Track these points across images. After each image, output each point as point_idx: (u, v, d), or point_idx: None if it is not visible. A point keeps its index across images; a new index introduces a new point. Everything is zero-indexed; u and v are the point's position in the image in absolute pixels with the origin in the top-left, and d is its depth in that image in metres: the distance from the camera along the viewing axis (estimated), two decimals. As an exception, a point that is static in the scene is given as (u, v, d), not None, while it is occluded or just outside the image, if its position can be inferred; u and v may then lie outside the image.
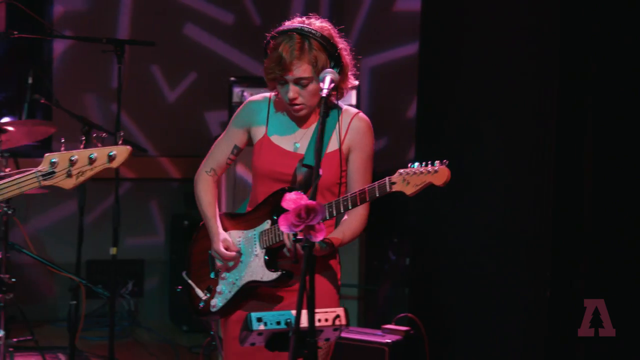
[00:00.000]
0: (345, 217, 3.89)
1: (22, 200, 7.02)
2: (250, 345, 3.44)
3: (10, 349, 5.93)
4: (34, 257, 6.29)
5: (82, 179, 3.31)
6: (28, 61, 7.69)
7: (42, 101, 6.69)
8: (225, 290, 3.93)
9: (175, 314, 7.76)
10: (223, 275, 3.94)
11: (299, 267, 3.69)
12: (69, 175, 3.30)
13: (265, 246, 3.84)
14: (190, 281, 4.03)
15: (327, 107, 3.65)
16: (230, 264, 3.91)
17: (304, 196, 3.32)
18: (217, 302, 3.94)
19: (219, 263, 3.92)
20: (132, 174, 7.74)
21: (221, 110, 7.56)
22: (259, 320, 3.38)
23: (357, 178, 3.86)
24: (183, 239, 7.61)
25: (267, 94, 3.99)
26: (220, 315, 3.99)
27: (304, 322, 3.28)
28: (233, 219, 4.00)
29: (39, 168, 3.30)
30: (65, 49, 7.61)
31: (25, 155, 6.99)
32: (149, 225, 7.95)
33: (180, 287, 4.11)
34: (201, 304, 3.98)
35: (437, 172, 3.51)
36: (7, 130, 5.96)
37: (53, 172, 3.29)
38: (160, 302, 7.93)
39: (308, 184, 3.77)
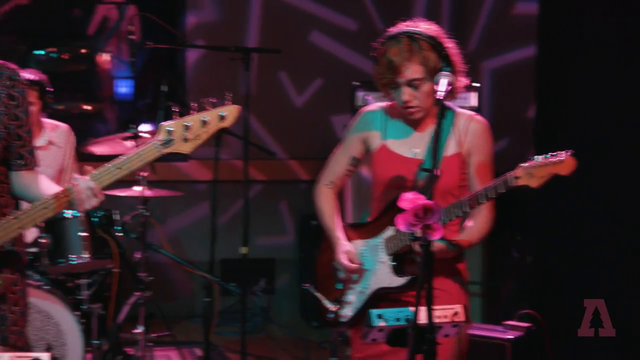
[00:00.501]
0: (470, 222, 3.82)
1: (159, 203, 7.16)
2: (371, 341, 3.42)
3: (150, 344, 6.02)
4: (170, 257, 6.40)
5: (199, 141, 3.32)
6: (163, 70, 7.84)
7: (175, 108, 6.80)
8: (353, 299, 3.87)
9: (306, 310, 7.78)
10: (350, 285, 3.89)
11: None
12: (186, 140, 3.31)
13: (391, 252, 3.78)
14: (317, 294, 3.98)
15: (443, 109, 3.59)
16: (355, 276, 3.86)
17: (421, 196, 3.28)
18: (346, 312, 3.88)
19: (342, 275, 3.87)
20: (262, 176, 7.81)
21: (346, 114, 7.53)
22: (380, 316, 3.36)
23: (479, 181, 3.77)
24: (312, 238, 7.63)
25: (381, 103, 3.95)
26: (350, 325, 3.93)
27: (423, 318, 3.25)
28: (356, 229, 3.94)
29: (157, 137, 3.32)
30: (197, 58, 7.72)
31: (161, 159, 7.09)
32: (279, 225, 8.00)
33: (306, 284, 4.08)
34: (330, 316, 3.92)
35: (563, 162, 3.44)
36: (142, 137, 6.08)
37: (171, 140, 3.31)
38: (291, 299, 7.97)
39: (430, 189, 3.71)
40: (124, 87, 8.41)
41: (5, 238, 3.37)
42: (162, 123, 3.34)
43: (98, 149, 6.39)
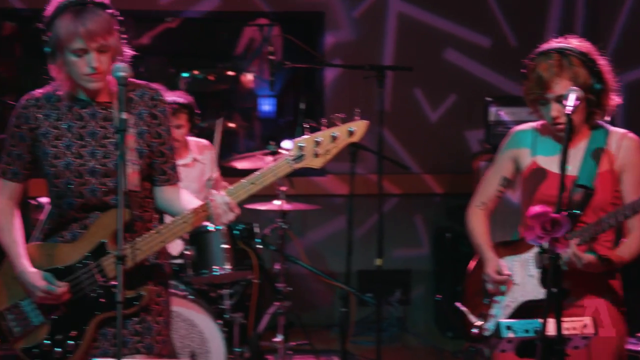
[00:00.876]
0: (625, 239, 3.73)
1: (297, 216, 7.25)
2: (500, 352, 3.38)
3: (289, 352, 6.08)
4: (308, 268, 6.45)
5: (329, 156, 3.37)
6: (303, 89, 7.93)
7: (312, 125, 6.87)
8: (499, 313, 3.82)
9: (441, 320, 7.72)
10: (496, 299, 3.84)
11: (576, 284, 3.59)
12: (316, 155, 3.36)
13: (540, 266, 3.70)
14: (463, 308, 3.95)
15: (572, 124, 3.51)
16: (503, 288, 3.80)
17: (549, 209, 3.22)
18: (490, 326, 3.82)
19: (490, 287, 3.83)
20: (397, 190, 7.81)
21: (479, 129, 7.50)
22: (509, 328, 3.32)
23: (632, 197, 3.65)
24: (446, 250, 7.60)
25: (532, 123, 3.88)
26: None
27: (552, 330, 3.19)
28: (506, 246, 3.90)
29: (289, 153, 3.37)
30: (335, 76, 7.78)
31: (300, 174, 7.17)
32: (414, 237, 7.97)
33: (439, 296, 4.06)
34: (474, 330, 3.87)
35: None
36: (280, 153, 6.15)
37: (302, 155, 3.36)
38: (426, 310, 7.93)
39: (584, 205, 3.64)
40: (266, 105, 8.54)
41: (149, 252, 3.45)
42: (294, 140, 3.39)
43: (240, 164, 6.51)
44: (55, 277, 3.48)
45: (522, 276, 3.78)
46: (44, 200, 5.79)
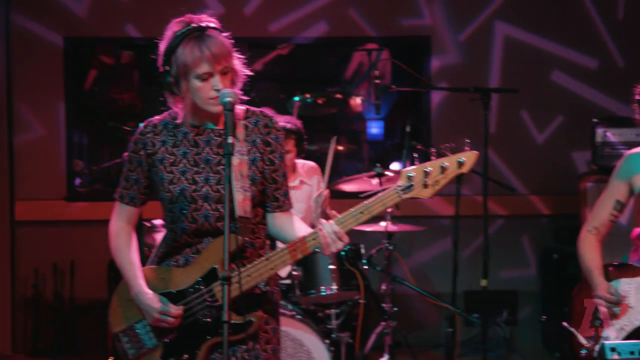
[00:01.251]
0: None
1: (403, 237, 7.18)
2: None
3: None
4: (414, 289, 6.37)
5: (437, 187, 3.30)
6: (409, 111, 7.88)
7: (418, 147, 6.81)
8: (611, 336, 3.73)
9: (549, 341, 7.54)
10: (610, 322, 3.74)
11: None
12: (425, 186, 3.29)
13: None
14: (572, 329, 3.85)
15: None
16: (616, 310, 3.70)
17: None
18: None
19: (603, 309, 3.72)
20: (503, 211, 7.68)
21: (585, 150, 7.32)
22: (613, 350, 3.23)
23: None
24: (553, 271, 7.43)
25: None
26: None
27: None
28: (620, 269, 3.81)
29: (398, 183, 3.31)
30: (441, 99, 7.71)
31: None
32: (521, 258, 7.81)
33: (544, 317, 3.97)
34: (583, 352, 3.81)
35: None
36: (386, 175, 6.12)
37: (411, 185, 3.30)
38: (533, 330, 7.75)
39: None
40: (374, 128, 8.51)
41: (259, 279, 3.43)
42: (403, 169, 3.33)
43: (348, 186, 6.49)
44: (170, 300, 3.48)
45: (637, 299, 3.66)
46: (158, 222, 5.87)
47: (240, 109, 3.56)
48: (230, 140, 3.24)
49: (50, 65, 7.49)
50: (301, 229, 3.56)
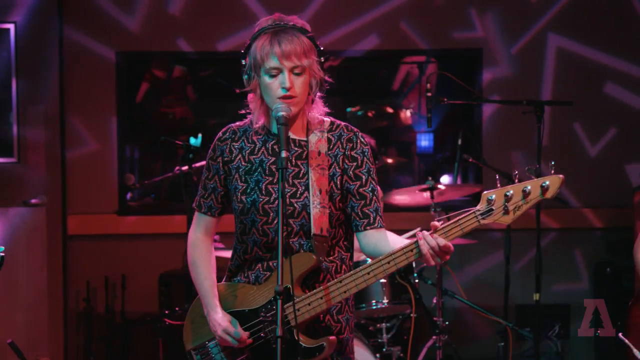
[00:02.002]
0: None
1: (455, 251, 7.08)
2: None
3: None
4: (465, 302, 6.33)
5: (519, 213, 3.07)
6: (461, 124, 7.84)
7: (471, 160, 6.77)
8: None
9: (602, 355, 7.45)
10: None
11: None
12: (506, 211, 3.08)
13: None
14: (627, 341, 3.76)
15: None
16: None
17: None
18: None
19: None
20: (556, 224, 7.59)
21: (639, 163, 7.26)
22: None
23: None
24: (606, 285, 7.33)
25: None
26: None
27: None
28: None
29: (478, 207, 3.11)
30: (492, 112, 7.66)
31: (455, 208, 7.07)
32: (574, 272, 7.72)
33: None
34: None
35: None
36: (438, 188, 6.09)
37: (491, 210, 3.09)
38: (586, 345, 7.65)
39: None
40: (424, 141, 8.47)
41: (330, 303, 3.27)
42: (484, 192, 3.13)
43: (399, 198, 6.47)
44: (241, 319, 3.38)
45: None
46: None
47: (324, 120, 3.44)
48: (283, 154, 3.12)
49: (103, 80, 7.56)
50: (399, 242, 3.33)
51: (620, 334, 3.78)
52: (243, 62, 3.35)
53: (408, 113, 8.45)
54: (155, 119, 8.18)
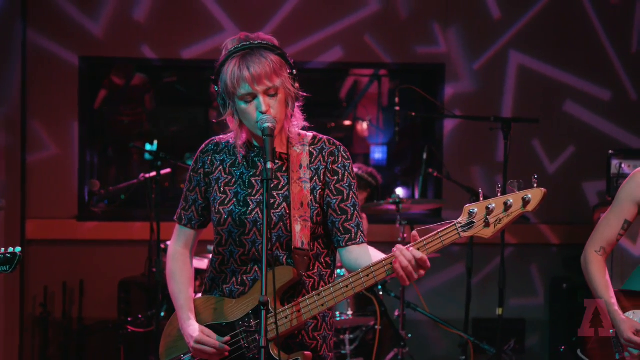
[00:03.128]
0: None
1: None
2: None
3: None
4: (427, 315, 6.35)
5: (499, 226, 3.01)
6: (421, 138, 7.87)
7: (435, 174, 6.81)
8: None
9: (555, 371, 7.53)
10: (633, 351, 3.64)
11: None
12: (487, 224, 3.01)
13: None
14: (585, 358, 3.76)
15: None
16: (635, 351, 3.62)
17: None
18: None
19: (634, 352, 3.62)
20: (514, 239, 7.64)
21: (599, 180, 7.33)
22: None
23: None
24: (562, 300, 7.39)
25: None
26: None
27: None
28: (629, 297, 3.73)
29: (459, 220, 3.05)
30: (453, 127, 7.70)
31: (420, 222, 7.11)
32: (530, 287, 7.78)
33: (563, 347, 3.89)
34: None
35: None
36: (403, 201, 6.12)
37: (472, 223, 3.02)
38: (540, 359, 7.72)
39: None
40: (378, 153, 8.49)
41: (307, 315, 3.22)
42: (466, 206, 3.06)
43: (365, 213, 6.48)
44: (218, 332, 3.32)
45: None
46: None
47: (306, 134, 3.40)
48: (269, 165, 3.04)
49: (65, 85, 7.46)
50: (380, 256, 3.21)
51: (579, 352, 3.79)
52: (216, 87, 3.29)
53: (365, 125, 8.47)
54: (112, 126, 8.11)
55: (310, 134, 3.41)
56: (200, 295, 3.50)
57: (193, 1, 7.53)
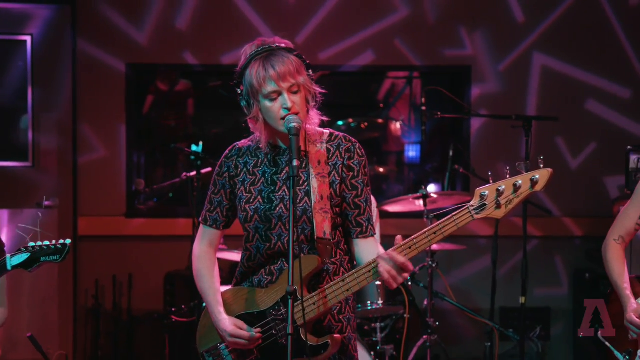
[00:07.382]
0: None
1: (445, 255, 7.19)
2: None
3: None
4: (454, 304, 6.39)
5: (510, 207, 3.06)
6: (450, 137, 7.90)
7: (461, 171, 6.84)
8: None
9: (580, 356, 7.51)
10: None
11: None
12: (498, 206, 3.06)
13: None
14: (607, 343, 3.75)
15: None
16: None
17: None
18: None
19: (632, 335, 3.64)
20: (539, 232, 7.65)
21: (617, 175, 7.33)
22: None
23: None
24: (585, 290, 7.40)
25: None
26: None
27: None
28: None
29: (471, 203, 3.09)
30: (480, 126, 7.72)
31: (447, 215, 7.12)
32: (554, 277, 7.78)
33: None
34: None
35: None
36: (430, 196, 6.15)
37: (484, 205, 3.07)
38: (565, 346, 7.72)
39: None
40: (412, 152, 8.53)
41: (334, 301, 3.29)
42: (478, 189, 3.11)
43: (392, 207, 6.52)
44: (249, 321, 3.40)
45: None
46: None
47: (323, 131, 3.48)
48: (295, 163, 3.14)
49: (113, 90, 7.59)
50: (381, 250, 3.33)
51: (599, 334, 3.79)
52: (238, 90, 3.38)
53: (398, 125, 8.51)
54: (159, 128, 8.23)
55: (327, 131, 3.50)
56: (231, 287, 3.59)
57: (232, 9, 7.62)
